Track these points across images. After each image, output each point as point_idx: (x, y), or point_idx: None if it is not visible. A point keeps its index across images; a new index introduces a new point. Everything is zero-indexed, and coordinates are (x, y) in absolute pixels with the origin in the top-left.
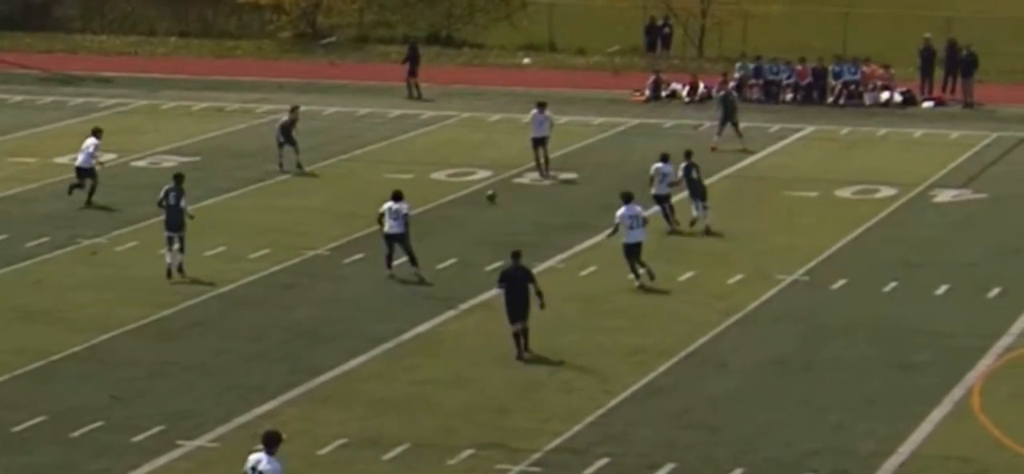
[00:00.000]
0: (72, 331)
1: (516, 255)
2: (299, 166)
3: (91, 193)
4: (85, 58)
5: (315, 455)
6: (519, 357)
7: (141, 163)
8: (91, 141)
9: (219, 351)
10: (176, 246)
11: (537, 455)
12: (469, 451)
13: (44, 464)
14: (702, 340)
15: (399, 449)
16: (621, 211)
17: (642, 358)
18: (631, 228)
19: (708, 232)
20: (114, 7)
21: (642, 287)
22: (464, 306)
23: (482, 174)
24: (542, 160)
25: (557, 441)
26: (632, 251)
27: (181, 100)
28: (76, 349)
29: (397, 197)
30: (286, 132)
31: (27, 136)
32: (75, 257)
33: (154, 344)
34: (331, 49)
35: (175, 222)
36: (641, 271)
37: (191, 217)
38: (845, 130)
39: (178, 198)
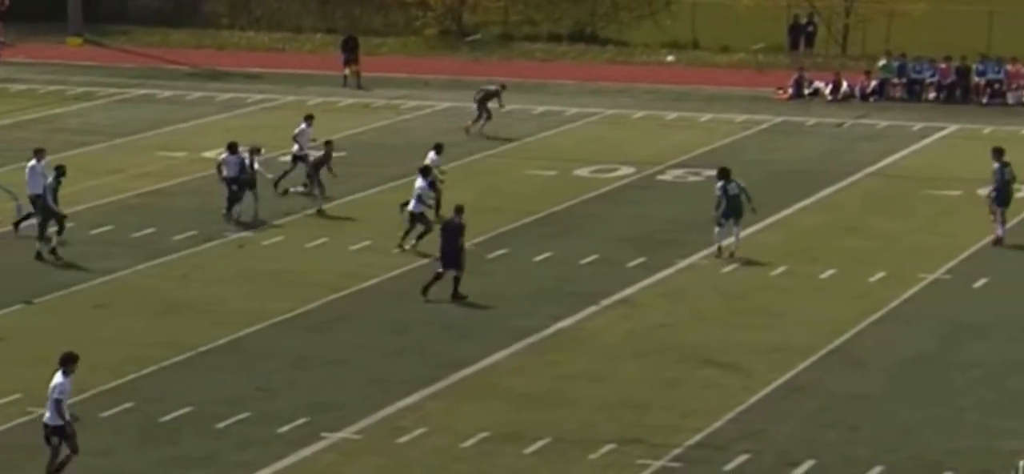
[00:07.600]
0: (218, 324)
1: (459, 210)
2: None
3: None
4: (233, 54)
5: (458, 448)
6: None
7: (287, 158)
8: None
9: (363, 345)
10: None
11: (678, 450)
12: (610, 446)
13: (191, 455)
14: (843, 338)
15: (540, 443)
16: None
17: (783, 355)
18: None
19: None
20: (261, 4)
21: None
22: (606, 302)
23: (625, 170)
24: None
25: (698, 437)
26: None
27: (328, 96)
28: (222, 341)
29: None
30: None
31: (174, 131)
32: (222, 251)
33: (299, 337)
34: (476, 46)
35: None
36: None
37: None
38: (988, 129)
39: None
